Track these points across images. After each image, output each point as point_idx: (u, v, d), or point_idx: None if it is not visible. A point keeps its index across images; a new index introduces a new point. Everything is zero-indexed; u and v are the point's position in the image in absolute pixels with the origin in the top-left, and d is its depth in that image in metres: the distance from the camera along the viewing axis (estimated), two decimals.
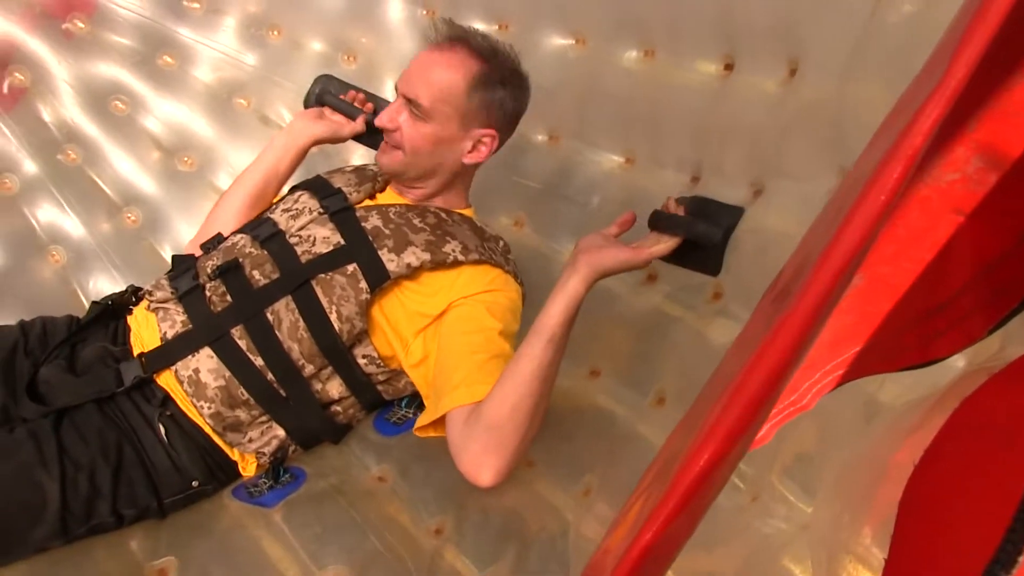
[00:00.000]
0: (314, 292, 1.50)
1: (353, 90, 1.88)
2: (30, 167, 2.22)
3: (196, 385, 1.47)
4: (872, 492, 0.71)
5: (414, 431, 1.47)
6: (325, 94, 1.88)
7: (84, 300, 2.10)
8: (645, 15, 1.81)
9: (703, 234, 1.40)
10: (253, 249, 1.58)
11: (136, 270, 2.15)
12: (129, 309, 1.63)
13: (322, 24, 2.35)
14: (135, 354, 1.52)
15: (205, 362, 1.48)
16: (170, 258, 1.77)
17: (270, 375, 1.49)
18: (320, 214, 1.61)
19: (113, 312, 1.65)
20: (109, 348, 1.54)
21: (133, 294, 1.68)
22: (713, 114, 1.65)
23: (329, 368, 1.52)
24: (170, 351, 1.49)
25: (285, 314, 1.49)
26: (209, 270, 1.56)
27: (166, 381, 1.49)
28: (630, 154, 1.87)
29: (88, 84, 2.30)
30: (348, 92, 1.88)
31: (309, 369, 1.51)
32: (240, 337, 1.49)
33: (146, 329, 1.55)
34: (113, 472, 1.39)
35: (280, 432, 1.52)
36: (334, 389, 1.54)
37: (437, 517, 1.41)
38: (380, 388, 1.59)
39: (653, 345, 1.60)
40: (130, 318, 1.60)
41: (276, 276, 1.52)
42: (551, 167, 2.01)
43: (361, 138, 1.83)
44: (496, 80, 1.57)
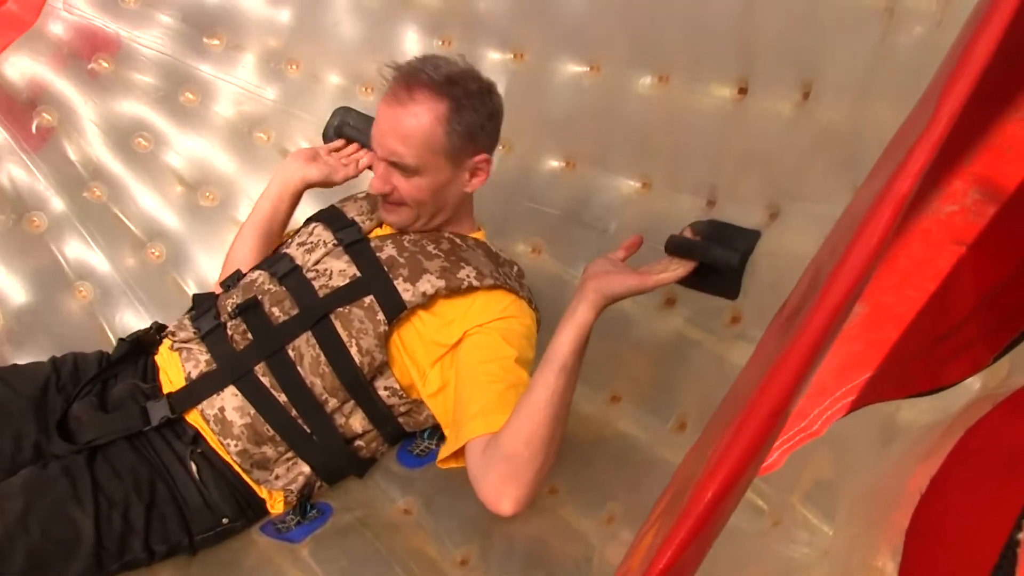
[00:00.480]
0: (333, 326, 1.51)
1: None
2: (57, 205, 2.26)
3: (222, 423, 1.48)
4: (887, 516, 0.71)
5: (437, 463, 1.47)
6: (344, 126, 1.90)
7: (111, 335, 2.13)
8: (658, 41, 1.82)
9: (720, 258, 1.40)
10: (271, 286, 1.59)
11: (161, 305, 2.18)
12: (155, 347, 1.65)
13: (339, 57, 2.38)
14: (164, 392, 1.54)
15: (230, 400, 1.49)
16: (192, 294, 1.78)
17: (294, 411, 1.50)
18: (335, 246, 1.62)
19: (142, 348, 1.67)
20: (140, 386, 1.57)
21: (158, 332, 1.70)
22: (728, 138, 1.66)
23: (351, 402, 1.53)
24: (195, 391, 1.51)
25: (306, 349, 1.51)
26: (229, 308, 1.57)
27: (195, 419, 1.51)
28: (646, 179, 1.88)
29: (112, 122, 2.34)
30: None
31: (332, 404, 1.52)
32: (263, 374, 1.51)
33: (172, 368, 1.57)
34: (146, 509, 1.42)
35: (305, 468, 1.53)
36: (357, 423, 1.55)
37: (462, 547, 1.42)
38: (402, 420, 1.60)
39: (673, 370, 1.60)
40: (157, 356, 1.63)
41: (295, 312, 1.53)
42: (568, 193, 2.02)
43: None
44: (467, 109, 1.52)
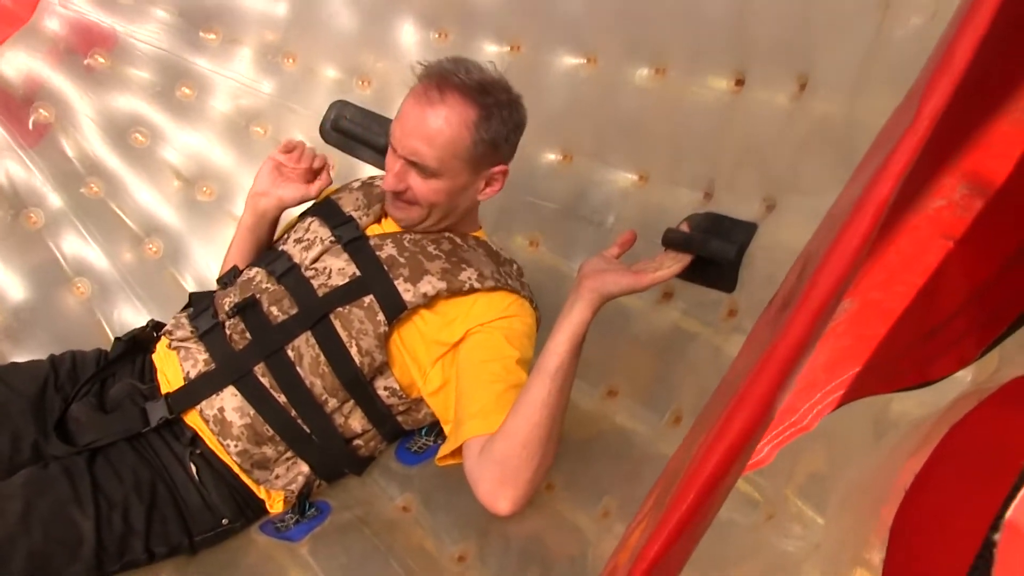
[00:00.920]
0: (333, 327, 1.51)
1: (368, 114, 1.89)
2: (55, 201, 2.26)
3: (222, 424, 1.48)
4: (877, 511, 0.71)
5: (436, 461, 1.48)
6: (340, 119, 1.90)
7: (109, 331, 2.14)
8: (655, 33, 1.81)
9: (717, 251, 1.40)
10: (270, 284, 1.58)
11: (158, 300, 2.19)
12: (152, 345, 1.65)
13: (336, 50, 2.38)
14: (162, 392, 1.54)
15: (229, 401, 1.49)
16: (189, 292, 1.78)
17: (293, 411, 1.50)
18: (332, 243, 1.61)
19: (139, 347, 1.67)
20: (137, 386, 1.56)
21: (155, 329, 1.69)
22: (725, 130, 1.65)
23: (351, 402, 1.53)
24: (194, 391, 1.51)
25: (306, 350, 1.51)
26: (227, 307, 1.57)
27: (193, 420, 1.51)
28: (643, 172, 1.87)
29: (109, 118, 2.34)
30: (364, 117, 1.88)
31: (331, 404, 1.52)
32: (263, 374, 1.50)
33: (169, 368, 1.57)
34: (147, 510, 1.42)
35: (305, 468, 1.54)
36: (356, 423, 1.55)
37: (460, 544, 1.42)
38: (400, 419, 1.60)
39: (670, 363, 1.60)
40: (154, 355, 1.62)
41: (294, 312, 1.53)
42: (565, 186, 2.02)
43: (370, 158, 1.84)
44: (496, 118, 1.50)
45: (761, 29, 1.57)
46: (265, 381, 1.50)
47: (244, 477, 1.52)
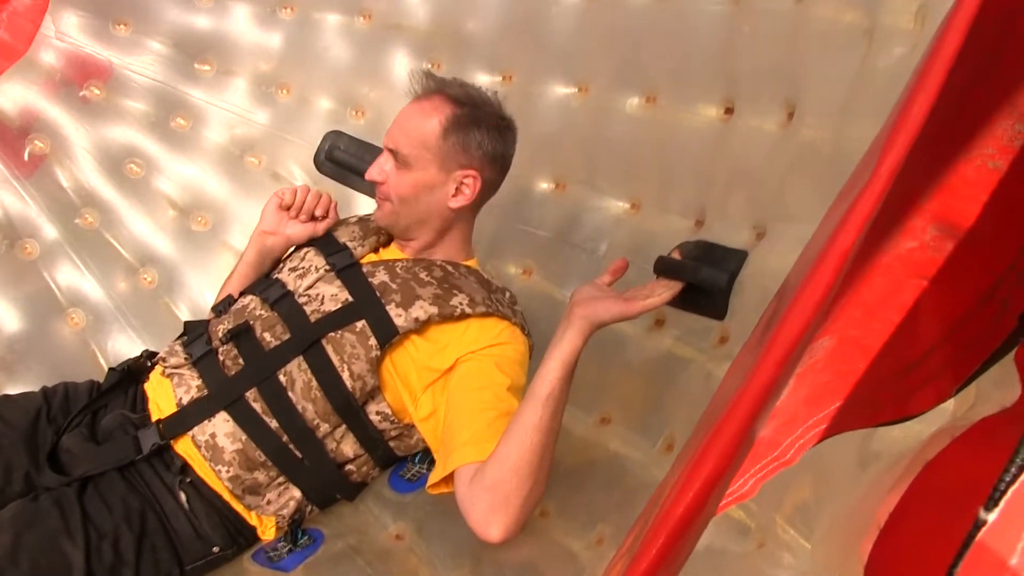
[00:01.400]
0: (325, 351, 1.51)
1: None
2: (50, 232, 2.26)
3: (213, 450, 1.48)
4: (858, 544, 0.72)
5: (427, 489, 1.47)
6: (335, 150, 1.91)
7: (103, 362, 2.13)
8: (645, 62, 1.84)
9: (708, 279, 1.40)
10: (263, 311, 1.60)
11: (153, 331, 2.19)
12: (146, 375, 1.65)
13: (330, 81, 2.40)
14: (153, 420, 1.54)
15: (221, 426, 1.49)
16: (184, 321, 1.78)
17: (285, 436, 1.50)
18: (327, 271, 1.63)
19: (131, 377, 1.67)
20: (128, 415, 1.56)
21: (148, 359, 1.69)
22: (715, 158, 1.67)
23: (343, 427, 1.53)
24: (186, 417, 1.51)
25: (298, 374, 1.51)
26: (221, 334, 1.58)
27: (184, 448, 1.51)
28: (635, 200, 1.89)
29: (104, 149, 2.35)
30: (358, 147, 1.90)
31: (323, 428, 1.52)
32: (254, 400, 1.50)
33: (162, 395, 1.57)
34: (137, 540, 1.41)
35: (297, 493, 1.53)
36: (348, 447, 1.55)
37: (454, 572, 1.41)
38: (393, 444, 1.60)
39: (663, 390, 1.60)
40: (146, 385, 1.62)
41: (287, 337, 1.54)
42: (558, 215, 2.03)
43: (363, 188, 1.85)
44: (471, 122, 1.59)
45: (749, 58, 1.59)
46: (257, 406, 1.50)
47: (235, 504, 1.51)
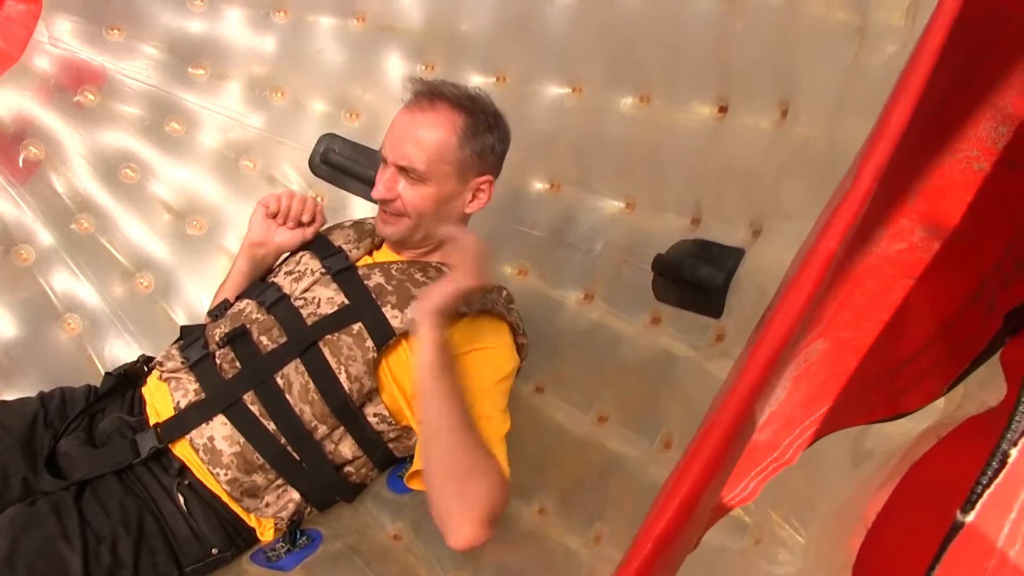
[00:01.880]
0: (322, 354, 1.51)
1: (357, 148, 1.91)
2: (45, 237, 2.27)
3: (211, 453, 1.48)
4: (846, 543, 0.72)
5: (406, 482, 1.47)
6: (329, 152, 1.92)
7: (100, 367, 2.13)
8: (639, 62, 1.84)
9: (705, 277, 1.41)
10: (260, 315, 1.60)
11: (150, 335, 2.19)
12: (143, 379, 1.65)
13: (324, 84, 2.40)
14: (151, 424, 1.54)
15: (219, 429, 1.49)
16: (181, 325, 1.78)
17: (283, 439, 1.50)
18: (323, 274, 1.63)
19: (128, 381, 1.67)
20: (126, 419, 1.56)
21: (145, 364, 1.70)
22: (710, 156, 1.67)
23: (341, 429, 1.53)
24: (184, 420, 1.51)
25: (295, 377, 1.51)
26: (217, 338, 1.58)
27: (182, 451, 1.51)
28: (630, 199, 1.89)
29: (99, 154, 2.36)
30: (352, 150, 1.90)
31: (321, 431, 1.51)
32: (252, 403, 1.50)
33: (159, 399, 1.57)
34: (135, 543, 1.41)
35: (295, 495, 1.53)
36: (346, 449, 1.55)
37: (452, 572, 1.42)
38: (391, 445, 1.60)
39: (659, 388, 1.60)
40: (144, 388, 1.62)
41: (284, 340, 1.54)
42: (553, 215, 2.03)
43: (358, 190, 1.85)
44: (483, 127, 1.59)
45: (742, 56, 1.59)
46: (255, 409, 1.50)
47: (234, 506, 1.51)
